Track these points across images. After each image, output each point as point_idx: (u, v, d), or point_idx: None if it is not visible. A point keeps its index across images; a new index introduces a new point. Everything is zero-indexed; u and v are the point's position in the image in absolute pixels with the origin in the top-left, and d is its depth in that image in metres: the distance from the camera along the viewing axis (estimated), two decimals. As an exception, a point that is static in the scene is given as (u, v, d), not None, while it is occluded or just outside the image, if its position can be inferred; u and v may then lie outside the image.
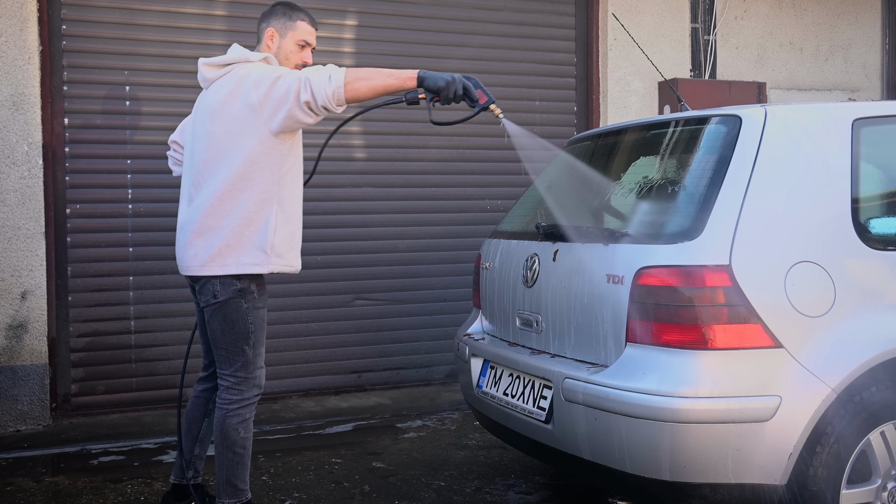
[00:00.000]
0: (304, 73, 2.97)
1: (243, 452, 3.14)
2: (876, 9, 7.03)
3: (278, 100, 2.96)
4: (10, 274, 4.79)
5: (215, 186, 3.04)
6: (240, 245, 3.03)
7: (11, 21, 4.75)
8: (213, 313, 3.10)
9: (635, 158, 3.36)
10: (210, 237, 3.05)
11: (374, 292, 5.74)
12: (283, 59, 3.26)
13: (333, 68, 2.97)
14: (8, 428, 4.80)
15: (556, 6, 6.16)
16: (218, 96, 3.08)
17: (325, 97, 2.92)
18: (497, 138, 5.99)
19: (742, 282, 2.64)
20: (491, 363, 3.50)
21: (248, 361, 3.12)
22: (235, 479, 3.13)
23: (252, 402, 3.16)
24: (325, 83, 2.92)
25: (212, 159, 3.07)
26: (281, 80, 2.96)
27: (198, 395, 3.42)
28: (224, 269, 3.05)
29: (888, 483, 2.78)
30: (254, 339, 3.12)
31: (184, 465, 3.41)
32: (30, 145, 4.81)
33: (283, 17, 3.26)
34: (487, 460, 4.26)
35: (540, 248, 3.31)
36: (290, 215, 3.12)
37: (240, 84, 3.02)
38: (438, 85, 3.06)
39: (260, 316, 3.14)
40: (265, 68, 3.05)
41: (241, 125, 3.01)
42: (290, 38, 3.27)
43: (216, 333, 3.12)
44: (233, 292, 3.07)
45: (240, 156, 3.02)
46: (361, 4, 5.63)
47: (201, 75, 3.18)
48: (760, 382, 2.62)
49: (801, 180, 2.82)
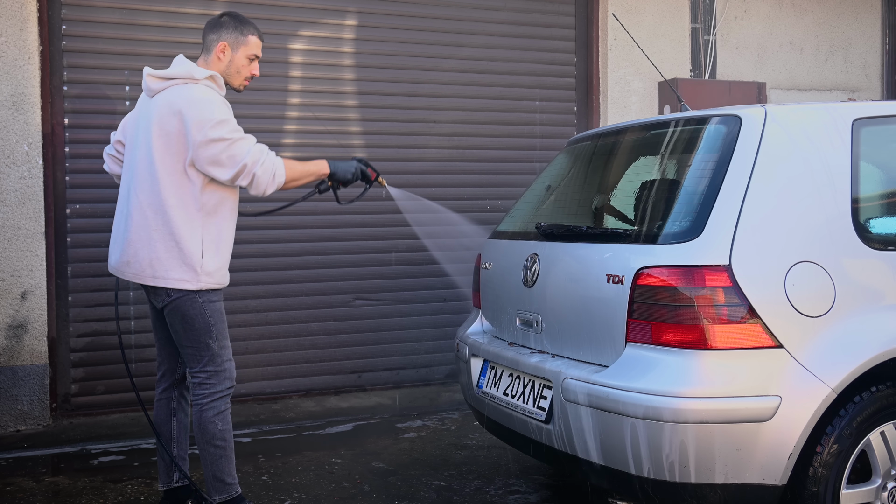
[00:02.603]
0: (250, 156, 3.08)
1: (224, 445, 3.21)
2: (876, 9, 7.03)
3: (217, 160, 3.07)
4: (10, 274, 4.79)
5: (149, 201, 3.12)
6: (169, 260, 3.12)
7: (11, 21, 4.75)
8: (171, 313, 3.18)
9: (635, 158, 3.36)
10: (140, 248, 3.14)
11: (374, 292, 5.74)
12: (233, 72, 3.31)
13: (276, 164, 3.16)
14: (8, 428, 4.80)
15: (556, 6, 6.16)
16: (161, 111, 3.12)
17: (261, 190, 3.15)
18: (497, 138, 5.99)
19: (742, 282, 2.64)
20: (491, 363, 3.50)
21: (214, 355, 3.20)
22: (221, 473, 3.20)
23: (225, 395, 3.23)
24: (269, 181, 3.14)
25: (147, 173, 3.14)
26: (231, 148, 3.07)
27: (160, 398, 3.47)
28: (154, 281, 3.15)
29: (888, 483, 2.78)
30: (216, 332, 3.20)
31: (162, 472, 3.45)
32: (30, 145, 4.81)
33: (234, 30, 3.29)
34: (487, 460, 4.26)
35: (540, 248, 3.31)
36: (220, 236, 3.19)
37: (183, 110, 3.07)
38: (346, 178, 3.44)
39: (217, 309, 3.21)
40: (211, 106, 3.09)
41: (176, 151, 3.09)
42: (242, 53, 3.30)
43: (179, 333, 3.20)
44: (185, 290, 3.14)
45: (173, 179, 3.10)
46: (361, 4, 5.63)
47: (145, 84, 3.24)
48: (760, 382, 2.62)
49: (801, 180, 2.82)
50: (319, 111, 5.55)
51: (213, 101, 3.10)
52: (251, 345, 5.41)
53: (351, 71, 5.61)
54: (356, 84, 5.63)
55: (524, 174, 5.99)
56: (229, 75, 3.30)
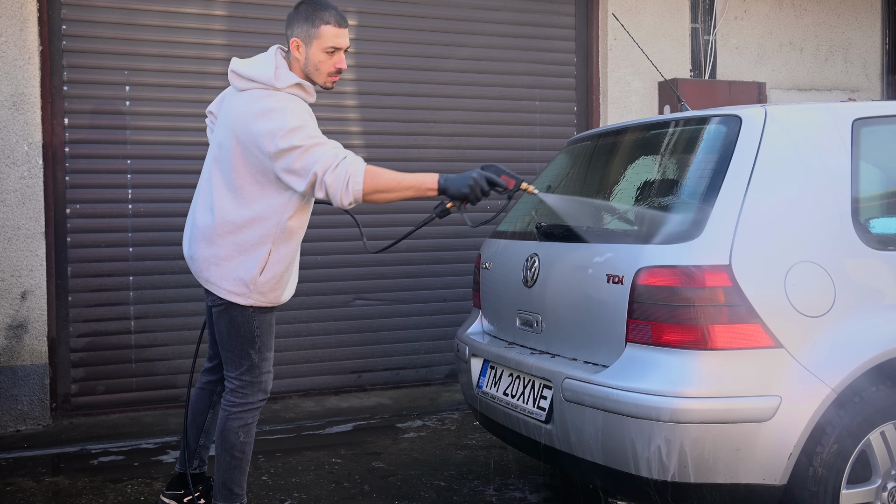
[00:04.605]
0: (322, 162, 2.80)
1: (241, 457, 3.13)
2: (876, 9, 7.03)
3: (291, 169, 2.84)
4: (10, 274, 4.79)
5: (219, 204, 2.98)
6: (227, 268, 3.00)
7: (11, 21, 4.75)
8: (220, 315, 3.09)
9: (635, 158, 3.36)
10: (205, 247, 3.04)
11: (374, 292, 5.74)
12: (312, 70, 3.01)
13: (353, 170, 2.81)
14: (8, 428, 4.80)
15: (556, 6, 6.16)
16: (238, 119, 2.93)
17: (337, 201, 2.84)
18: (497, 138, 5.99)
19: (742, 282, 2.64)
20: (491, 363, 3.50)
21: (253, 365, 3.10)
22: (232, 483, 3.13)
23: (256, 407, 3.14)
24: (342, 190, 2.81)
25: (223, 177, 2.99)
26: (304, 156, 2.81)
27: (202, 386, 3.42)
28: (207, 284, 3.06)
29: (888, 483, 2.78)
30: (259, 344, 3.09)
31: (184, 455, 3.39)
32: (30, 145, 4.81)
33: (304, 22, 2.96)
34: (487, 460, 4.26)
35: (540, 248, 3.31)
36: (284, 257, 3.03)
37: (257, 123, 2.87)
38: (463, 192, 2.92)
39: (266, 320, 3.10)
40: (283, 114, 2.85)
41: (256, 162, 2.91)
42: (317, 47, 2.98)
43: (223, 335, 3.10)
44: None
45: (252, 191, 2.94)
46: (361, 4, 5.63)
47: (231, 79, 3.03)
48: (760, 382, 2.62)
49: (801, 180, 2.82)
50: (319, 111, 5.53)
51: (287, 109, 2.86)
52: (251, 345, 5.41)
53: (351, 71, 5.61)
54: (356, 84, 5.64)
55: (524, 174, 5.98)
56: (311, 74, 3.01)
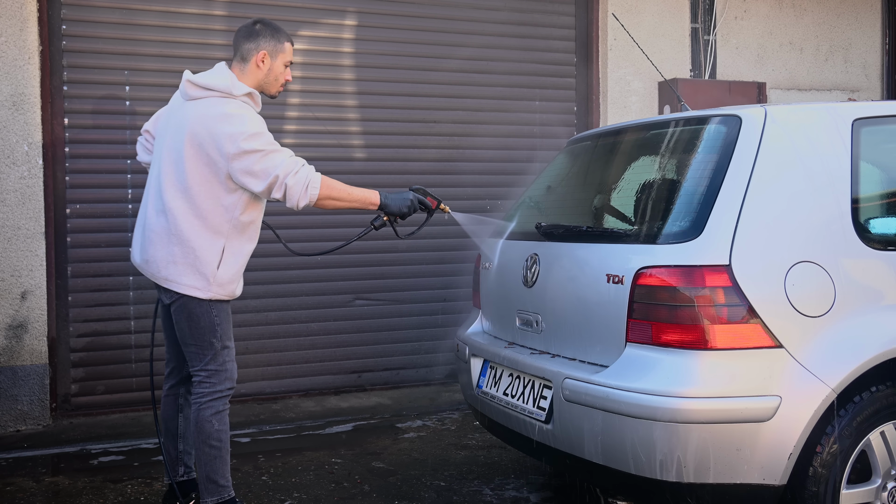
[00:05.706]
0: (283, 167, 3.06)
1: (220, 446, 3.21)
2: (876, 9, 7.03)
3: (251, 170, 3.06)
4: (10, 274, 4.79)
5: (173, 205, 3.13)
6: (185, 265, 3.14)
7: (11, 21, 4.75)
8: (179, 310, 3.20)
9: (635, 158, 3.36)
10: (161, 248, 3.16)
11: (374, 292, 5.74)
12: (272, 80, 3.32)
13: (312, 177, 3.11)
14: (8, 428, 4.80)
15: (556, 6, 6.16)
16: (194, 124, 3.12)
17: (293, 202, 3.11)
18: (497, 138, 5.99)
19: (742, 282, 2.64)
20: (491, 363, 3.50)
21: (216, 354, 3.22)
22: (215, 474, 3.20)
23: (225, 395, 3.24)
24: (301, 193, 3.10)
25: (175, 179, 3.14)
26: (264, 160, 3.06)
27: (167, 394, 3.49)
28: (167, 283, 3.18)
29: (888, 483, 2.78)
30: (220, 332, 3.22)
31: (168, 465, 3.45)
32: (30, 145, 4.81)
33: (271, 38, 3.30)
34: (487, 460, 4.26)
35: (540, 248, 3.31)
36: (239, 250, 3.21)
37: (217, 125, 3.08)
38: (402, 210, 3.36)
39: (224, 310, 3.24)
40: (244, 119, 3.10)
41: (208, 163, 3.10)
42: (280, 60, 3.32)
43: (184, 330, 3.22)
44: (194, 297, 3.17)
45: (206, 189, 3.11)
46: (361, 4, 5.63)
47: (183, 88, 3.22)
48: (760, 382, 2.62)
49: (801, 180, 2.82)
50: (319, 111, 5.55)
51: (245, 116, 3.12)
52: (251, 345, 5.41)
53: (351, 71, 5.61)
54: (356, 84, 5.64)
55: (524, 174, 5.98)
56: (268, 83, 3.32)
